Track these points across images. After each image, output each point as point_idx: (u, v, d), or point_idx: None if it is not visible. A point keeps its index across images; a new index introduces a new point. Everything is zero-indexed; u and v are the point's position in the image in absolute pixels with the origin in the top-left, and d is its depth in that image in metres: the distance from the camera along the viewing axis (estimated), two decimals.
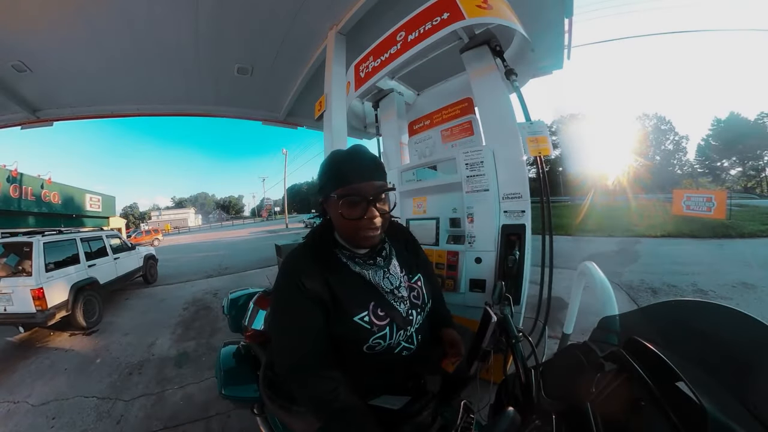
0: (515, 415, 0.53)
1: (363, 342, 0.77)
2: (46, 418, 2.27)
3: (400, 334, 0.82)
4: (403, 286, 0.86)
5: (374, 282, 0.81)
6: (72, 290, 4.12)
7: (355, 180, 0.75)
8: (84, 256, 4.69)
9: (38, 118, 5.30)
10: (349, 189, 0.74)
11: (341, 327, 0.76)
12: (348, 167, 0.76)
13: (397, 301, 0.83)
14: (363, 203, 0.75)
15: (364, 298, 0.80)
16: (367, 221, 0.76)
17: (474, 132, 2.55)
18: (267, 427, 1.17)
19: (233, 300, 1.66)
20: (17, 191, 12.74)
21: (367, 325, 0.77)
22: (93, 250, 5.04)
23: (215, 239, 22.63)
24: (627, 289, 4.17)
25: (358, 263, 0.83)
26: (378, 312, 0.80)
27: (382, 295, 0.82)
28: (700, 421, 0.41)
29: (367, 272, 0.82)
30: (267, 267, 8.16)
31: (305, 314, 0.75)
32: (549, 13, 3.60)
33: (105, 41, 3.83)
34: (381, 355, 0.81)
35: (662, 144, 46.72)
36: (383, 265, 0.85)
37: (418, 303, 0.89)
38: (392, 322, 0.80)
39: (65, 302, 3.98)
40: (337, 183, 0.76)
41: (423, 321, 0.90)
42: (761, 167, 42.02)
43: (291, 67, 4.80)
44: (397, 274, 0.86)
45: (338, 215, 0.76)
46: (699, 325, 0.65)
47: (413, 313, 0.86)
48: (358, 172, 0.76)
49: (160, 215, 73.79)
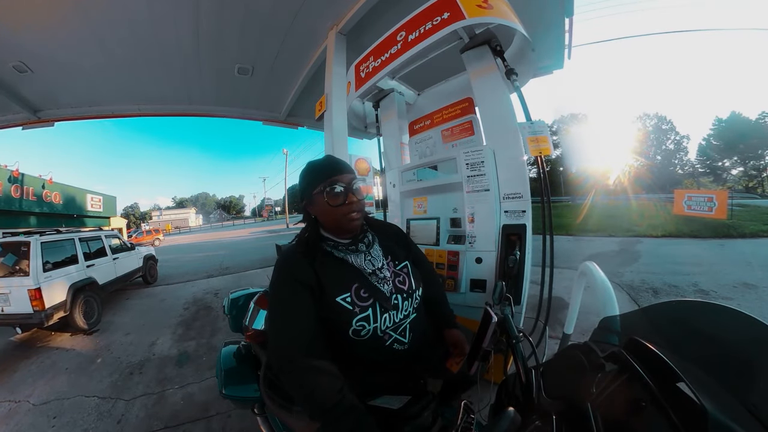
0: (515, 415, 0.53)
1: (347, 325, 0.80)
2: (47, 418, 2.27)
3: (386, 318, 0.84)
4: (385, 267, 0.92)
5: (356, 264, 0.88)
6: (70, 291, 4.07)
7: (335, 173, 0.88)
8: (82, 256, 4.63)
9: (39, 119, 5.32)
10: (332, 180, 0.86)
11: (325, 310, 0.81)
12: (327, 166, 0.90)
13: (380, 282, 0.89)
14: (343, 191, 0.86)
15: (346, 280, 0.85)
16: (348, 206, 0.86)
17: (474, 132, 2.55)
18: (267, 427, 1.17)
19: (234, 300, 1.66)
20: (19, 191, 12.77)
21: (349, 305, 0.81)
22: (92, 251, 4.97)
23: (216, 239, 22.64)
24: (628, 290, 4.17)
25: (342, 250, 0.90)
26: (361, 293, 0.84)
27: (365, 277, 0.88)
28: (701, 422, 0.40)
29: (349, 256, 0.89)
30: (268, 267, 8.16)
31: (298, 302, 0.80)
32: (549, 13, 3.60)
33: (106, 42, 3.84)
34: (371, 343, 0.82)
35: (663, 144, 46.62)
36: (365, 250, 0.92)
37: (404, 288, 0.91)
38: (375, 302, 0.84)
39: (63, 303, 3.93)
40: (320, 178, 0.88)
41: (416, 315, 0.92)
42: (763, 167, 41.87)
43: (291, 68, 4.81)
44: (379, 257, 0.93)
45: (324, 205, 0.87)
46: (700, 325, 0.65)
47: (398, 297, 0.89)
48: (335, 168, 0.89)
49: (161, 215, 73.84)
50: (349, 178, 0.89)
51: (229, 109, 6.12)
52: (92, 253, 4.97)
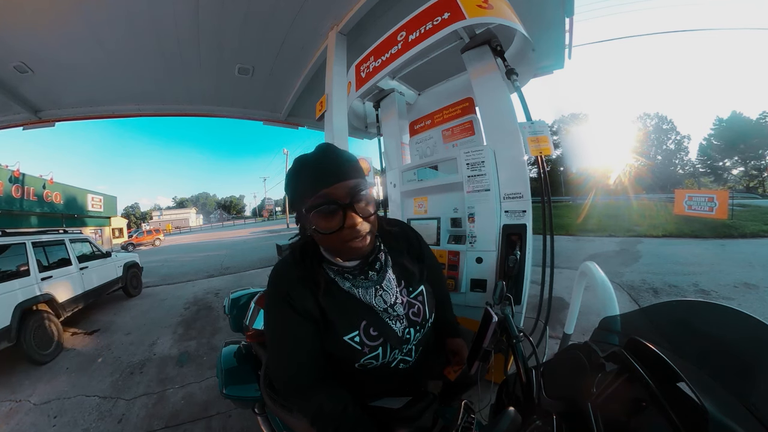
0: (516, 415, 0.53)
1: (354, 361, 0.74)
2: (47, 417, 2.28)
3: (395, 352, 0.78)
4: (399, 303, 0.78)
5: (366, 301, 0.74)
6: (16, 313, 3.11)
7: (324, 184, 0.64)
8: (36, 266, 3.60)
9: (40, 119, 5.32)
10: (319, 197, 0.63)
11: (331, 346, 0.73)
12: (314, 172, 0.66)
13: (393, 319, 0.76)
14: (339, 211, 0.64)
15: (354, 318, 0.74)
16: (349, 230, 0.64)
17: (475, 132, 2.55)
18: (268, 427, 1.17)
19: (234, 300, 1.66)
20: (19, 191, 12.80)
21: (358, 345, 0.73)
22: (51, 260, 3.95)
23: (216, 239, 22.66)
24: (628, 290, 4.16)
25: (348, 279, 0.75)
26: (370, 332, 0.74)
27: (376, 313, 0.75)
28: (701, 422, 0.40)
29: (357, 291, 0.74)
30: (268, 267, 8.17)
31: (296, 329, 0.72)
32: (550, 13, 3.60)
33: (106, 42, 3.85)
34: (376, 371, 0.79)
35: (664, 143, 46.58)
36: (376, 279, 0.77)
37: (418, 321, 0.81)
38: (386, 342, 0.75)
39: (6, 329, 2.98)
40: (304, 193, 0.66)
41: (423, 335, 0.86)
42: (763, 167, 41.81)
43: (292, 68, 4.81)
44: (392, 290, 0.78)
45: (314, 231, 0.66)
46: (700, 325, 0.64)
47: (411, 331, 0.79)
48: (326, 174, 0.65)
49: (161, 215, 74.00)
50: (346, 189, 0.65)
51: (229, 109, 6.12)
52: (52, 262, 3.96)
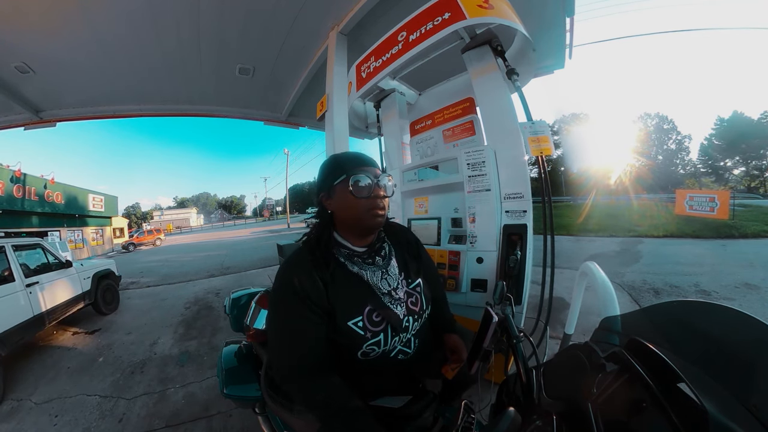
0: (516, 415, 0.53)
1: (357, 348, 0.78)
2: (48, 416, 2.28)
3: (396, 340, 0.82)
4: (400, 288, 0.87)
5: (372, 282, 0.82)
6: None
7: (364, 164, 0.84)
8: None
9: (41, 119, 5.33)
10: (360, 169, 0.82)
11: (335, 332, 0.77)
12: (354, 157, 0.86)
13: (394, 303, 0.84)
14: (370, 183, 0.82)
15: (360, 301, 0.80)
16: (374, 200, 0.82)
17: (475, 132, 2.55)
18: (268, 427, 1.17)
19: (235, 299, 1.66)
20: (21, 191, 12.85)
21: (361, 330, 0.78)
22: None
23: (217, 239, 22.68)
24: (629, 290, 4.16)
25: (357, 263, 0.84)
26: (373, 317, 0.80)
27: (379, 297, 0.82)
28: (702, 422, 0.40)
29: (365, 272, 0.83)
30: (268, 267, 8.18)
31: (303, 319, 0.76)
32: (550, 13, 3.59)
33: (107, 42, 3.85)
34: (377, 359, 0.81)
35: (665, 143, 46.46)
36: (382, 265, 0.87)
37: (416, 310, 0.88)
38: (387, 326, 0.81)
39: None
40: (346, 167, 0.83)
41: (421, 326, 0.90)
42: (765, 167, 41.67)
43: (292, 68, 4.81)
44: (395, 276, 0.88)
45: (346, 197, 0.81)
46: (701, 326, 0.65)
47: (410, 319, 0.86)
48: (365, 160, 0.86)
49: (162, 215, 74.01)
50: (377, 173, 0.85)
51: (230, 109, 6.13)
52: None
